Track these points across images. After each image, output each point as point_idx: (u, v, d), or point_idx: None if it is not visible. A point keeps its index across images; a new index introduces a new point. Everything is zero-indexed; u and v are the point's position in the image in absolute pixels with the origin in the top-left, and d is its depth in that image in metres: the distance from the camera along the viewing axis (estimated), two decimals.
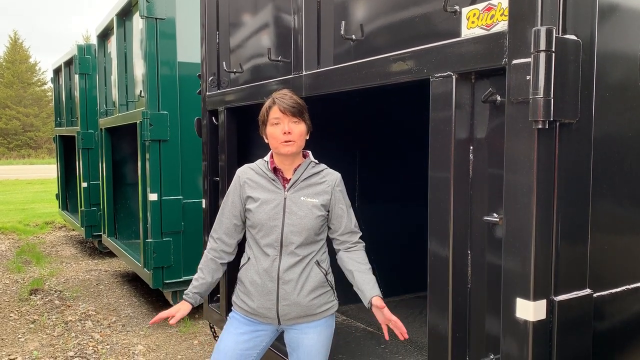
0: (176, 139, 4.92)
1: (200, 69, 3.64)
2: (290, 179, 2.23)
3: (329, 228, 2.31)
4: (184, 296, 2.31)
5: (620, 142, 1.73)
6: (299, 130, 2.17)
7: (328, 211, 2.25)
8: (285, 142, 2.15)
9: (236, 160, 3.30)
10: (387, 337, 2.20)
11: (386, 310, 2.12)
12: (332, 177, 2.27)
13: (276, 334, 2.35)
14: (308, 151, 2.32)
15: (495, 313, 1.69)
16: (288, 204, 2.19)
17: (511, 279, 1.56)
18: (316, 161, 2.31)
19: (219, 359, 2.24)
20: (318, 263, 2.23)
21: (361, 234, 2.34)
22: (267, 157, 2.30)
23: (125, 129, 5.87)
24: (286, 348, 2.35)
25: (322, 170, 2.29)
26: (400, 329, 2.11)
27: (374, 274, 2.27)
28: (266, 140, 2.26)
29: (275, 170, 2.25)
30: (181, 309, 2.26)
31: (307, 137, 2.25)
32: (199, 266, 2.36)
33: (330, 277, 2.29)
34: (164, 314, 2.23)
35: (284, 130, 2.14)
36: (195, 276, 2.34)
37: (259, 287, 2.21)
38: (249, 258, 2.28)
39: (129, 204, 6.72)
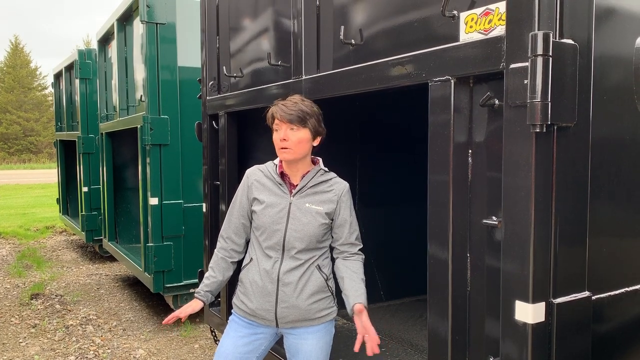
0: (177, 143, 4.93)
1: (200, 74, 3.66)
2: (297, 185, 2.24)
3: (331, 237, 2.31)
4: (195, 294, 2.32)
5: (617, 145, 1.74)
6: (297, 137, 2.15)
7: (332, 219, 2.25)
8: (282, 148, 2.16)
9: (236, 165, 3.32)
10: (356, 348, 2.10)
11: (365, 319, 2.11)
12: (339, 187, 2.27)
13: (276, 337, 2.35)
14: (319, 158, 2.31)
15: (495, 316, 1.69)
16: (293, 210, 2.20)
17: (510, 282, 1.57)
18: (326, 169, 2.29)
19: None
20: (319, 268, 2.23)
21: (362, 246, 2.33)
22: (276, 161, 2.30)
23: (125, 133, 5.89)
24: (286, 353, 2.36)
25: (331, 179, 2.28)
26: (372, 343, 2.07)
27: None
28: None
29: (282, 174, 2.26)
30: (192, 306, 2.27)
31: (315, 144, 2.23)
32: (209, 265, 2.38)
33: (331, 283, 2.29)
34: (177, 312, 2.23)
35: (281, 137, 2.15)
36: (207, 275, 2.36)
37: (258, 288, 2.22)
38: (251, 259, 2.29)
39: (130, 208, 6.73)
